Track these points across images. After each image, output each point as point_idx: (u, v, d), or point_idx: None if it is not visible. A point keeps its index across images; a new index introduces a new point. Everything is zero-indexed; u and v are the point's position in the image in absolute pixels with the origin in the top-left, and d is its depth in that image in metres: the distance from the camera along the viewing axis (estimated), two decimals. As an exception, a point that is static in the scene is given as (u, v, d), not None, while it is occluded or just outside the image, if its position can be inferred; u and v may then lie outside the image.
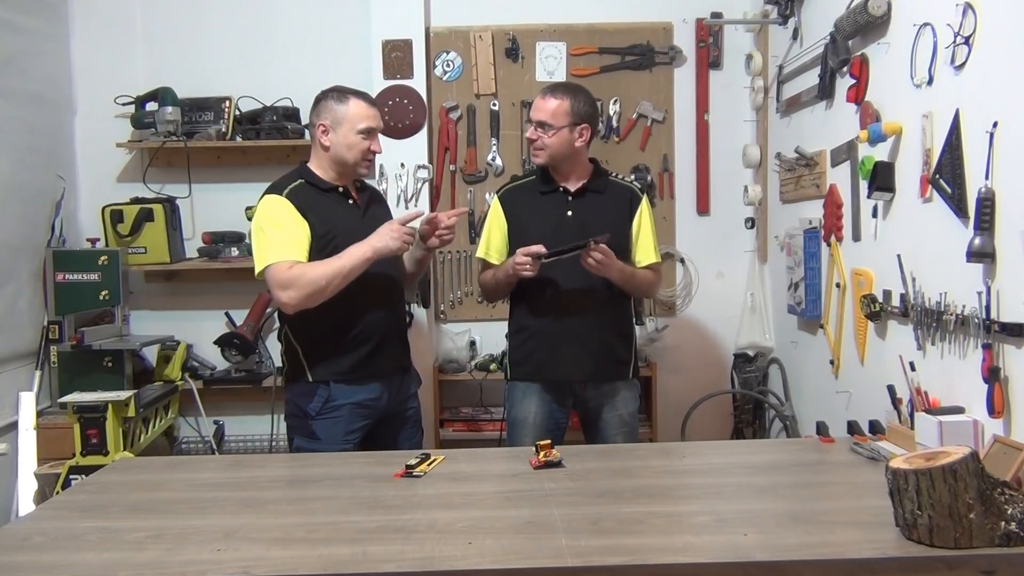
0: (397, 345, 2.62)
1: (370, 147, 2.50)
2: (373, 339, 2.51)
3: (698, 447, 2.77)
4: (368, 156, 2.51)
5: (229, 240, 3.79)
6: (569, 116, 2.61)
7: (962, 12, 2.02)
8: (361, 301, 2.47)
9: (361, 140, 2.48)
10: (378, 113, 2.55)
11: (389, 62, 3.74)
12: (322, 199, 2.49)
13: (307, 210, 2.44)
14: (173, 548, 1.65)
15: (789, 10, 3.27)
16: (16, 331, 3.40)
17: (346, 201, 2.54)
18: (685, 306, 3.96)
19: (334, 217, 2.48)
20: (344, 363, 2.49)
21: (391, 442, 2.60)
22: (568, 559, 1.53)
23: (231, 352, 3.72)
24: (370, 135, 2.49)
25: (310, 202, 2.45)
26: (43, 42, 3.65)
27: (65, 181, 3.72)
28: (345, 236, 2.44)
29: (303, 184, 2.49)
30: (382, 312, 2.54)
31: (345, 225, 2.48)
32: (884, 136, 2.42)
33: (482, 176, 3.91)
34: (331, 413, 2.48)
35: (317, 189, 2.50)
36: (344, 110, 2.48)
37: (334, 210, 2.50)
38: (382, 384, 2.55)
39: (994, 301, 1.93)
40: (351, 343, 2.49)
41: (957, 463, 1.50)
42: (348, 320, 2.48)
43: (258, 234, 2.45)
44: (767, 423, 3.66)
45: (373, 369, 2.52)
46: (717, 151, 3.90)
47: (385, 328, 2.55)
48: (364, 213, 2.57)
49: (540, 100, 2.65)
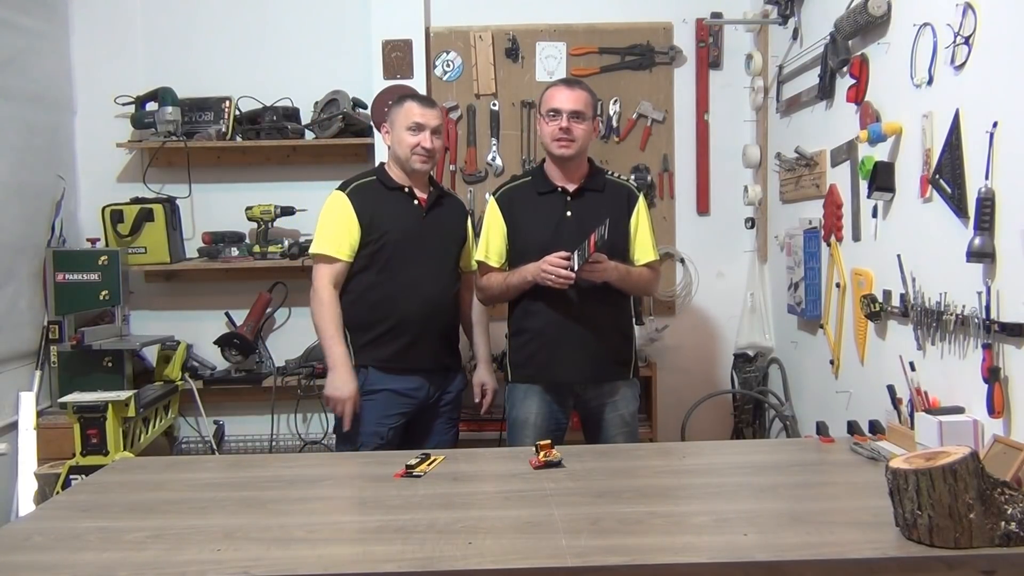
0: (439, 342, 2.77)
1: (419, 142, 2.65)
2: (410, 333, 2.68)
3: (698, 447, 2.77)
4: (417, 151, 2.67)
5: (229, 240, 3.79)
6: (592, 107, 2.66)
7: (962, 12, 2.02)
8: (406, 295, 2.67)
9: (410, 136, 2.66)
10: (431, 112, 2.71)
11: (389, 62, 3.74)
12: (387, 197, 2.71)
13: (364, 207, 2.68)
14: (173, 548, 1.65)
15: (789, 10, 3.26)
16: (16, 331, 3.40)
17: (411, 201, 2.72)
18: (685, 306, 3.96)
19: (392, 215, 2.70)
20: (382, 352, 2.69)
21: (423, 435, 2.76)
22: (568, 559, 1.53)
23: (231, 352, 3.72)
24: (418, 131, 2.66)
25: (372, 200, 2.69)
26: (43, 42, 3.65)
27: (65, 181, 3.72)
28: (401, 233, 2.69)
29: (373, 181, 2.73)
30: (425, 308, 2.70)
31: (402, 223, 2.70)
32: (884, 136, 2.42)
33: (482, 176, 3.91)
34: (368, 396, 2.67)
35: (384, 188, 2.72)
36: (398, 110, 2.71)
37: (395, 208, 2.71)
38: (422, 377, 2.71)
39: (994, 301, 1.92)
40: (389, 334, 2.68)
41: (957, 463, 1.50)
42: (389, 312, 2.67)
43: (319, 221, 2.74)
44: (767, 423, 3.66)
45: (410, 362, 2.69)
46: (717, 151, 3.90)
47: (427, 324, 2.71)
48: (427, 214, 2.75)
49: (566, 91, 2.64)
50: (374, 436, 2.66)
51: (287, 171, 3.86)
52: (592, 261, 2.49)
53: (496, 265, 2.73)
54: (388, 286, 2.68)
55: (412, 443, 2.66)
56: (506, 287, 2.68)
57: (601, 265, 2.52)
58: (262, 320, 3.78)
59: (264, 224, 3.70)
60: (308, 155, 3.81)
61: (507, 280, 2.67)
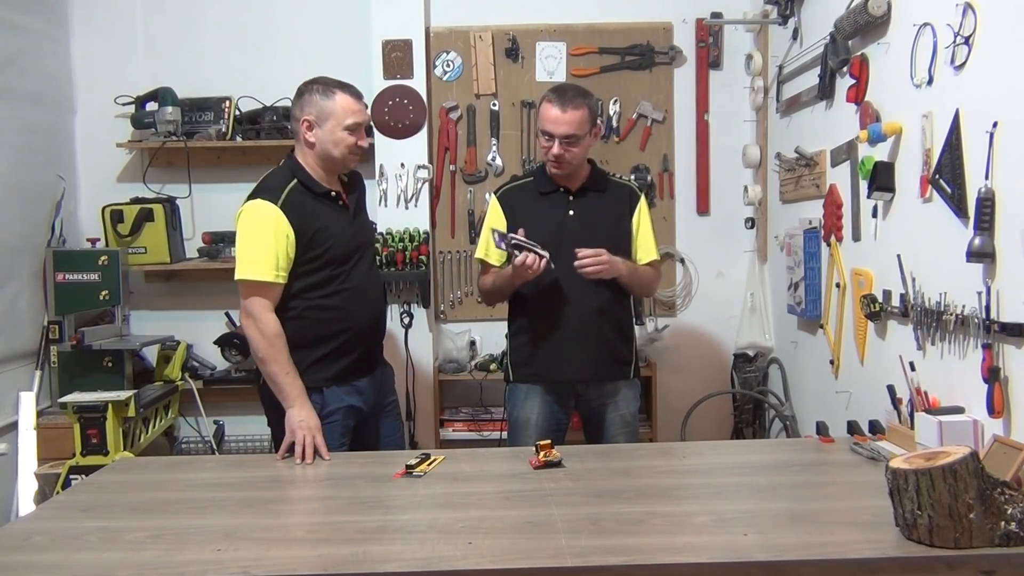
0: (379, 340, 2.62)
1: (357, 142, 2.43)
2: (362, 343, 2.49)
3: (698, 447, 2.77)
4: (356, 151, 2.45)
5: (229, 240, 3.79)
6: (589, 121, 2.57)
7: (962, 12, 2.02)
8: (355, 307, 2.46)
9: (348, 136, 2.41)
10: (365, 107, 2.50)
11: (389, 62, 3.74)
12: (317, 206, 2.42)
13: (303, 223, 2.37)
14: (173, 548, 1.65)
15: (789, 10, 3.26)
16: (16, 331, 3.40)
17: (338, 205, 2.49)
18: (685, 306, 3.96)
19: (329, 227, 2.42)
20: (334, 368, 2.44)
21: (375, 438, 2.57)
22: (568, 559, 1.53)
23: (231, 352, 3.72)
24: (357, 130, 2.42)
25: (307, 212, 2.39)
26: (43, 42, 3.65)
27: (65, 181, 3.72)
28: (341, 246, 2.43)
29: (297, 187, 2.41)
30: (372, 315, 2.54)
31: (338, 233, 2.44)
32: (884, 136, 2.42)
33: (482, 176, 3.91)
34: (328, 420, 2.40)
35: (311, 194, 2.42)
36: (330, 105, 2.41)
37: (328, 218, 2.44)
38: (368, 381, 2.52)
39: (994, 301, 1.92)
40: (341, 349, 2.44)
41: (957, 463, 1.50)
42: (341, 327, 2.44)
43: (245, 238, 2.37)
44: (767, 423, 3.66)
45: (361, 371, 2.50)
46: (717, 151, 3.90)
47: (374, 330, 2.56)
48: (354, 217, 2.54)
49: (558, 112, 2.52)
50: None
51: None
52: (595, 255, 2.48)
53: (496, 264, 2.72)
54: (335, 299, 2.42)
55: (363, 448, 2.52)
56: (494, 288, 2.70)
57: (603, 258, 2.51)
58: (262, 320, 3.77)
59: (264, 224, 3.69)
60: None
61: (494, 282, 2.68)
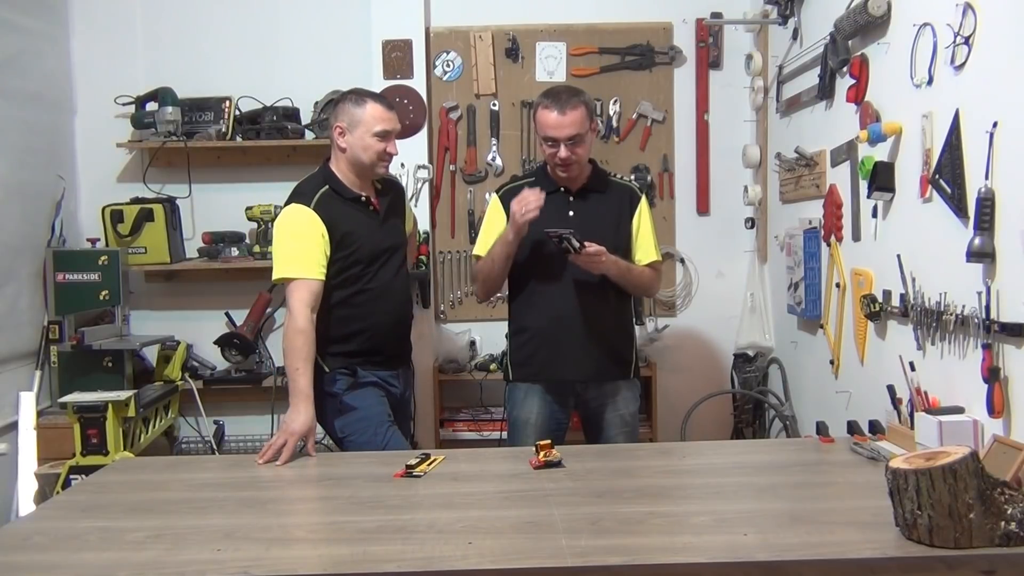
0: (405, 339, 2.75)
1: (386, 149, 2.55)
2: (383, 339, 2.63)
3: (698, 447, 2.77)
4: (384, 157, 2.57)
5: (229, 240, 3.80)
6: (588, 118, 2.60)
7: (962, 12, 2.02)
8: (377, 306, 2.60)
9: (377, 142, 2.53)
10: (395, 116, 2.60)
11: (389, 62, 3.74)
12: (348, 209, 2.56)
13: (335, 224, 2.51)
14: (173, 548, 1.65)
15: (789, 10, 3.27)
16: (16, 331, 3.40)
17: (368, 210, 2.62)
18: (685, 306, 3.96)
19: (358, 230, 2.56)
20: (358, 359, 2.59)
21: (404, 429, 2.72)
22: (568, 559, 1.53)
23: (231, 352, 3.71)
24: (386, 137, 2.55)
25: (338, 214, 2.53)
26: (43, 42, 3.65)
27: (65, 181, 3.72)
28: (368, 247, 2.57)
29: (328, 192, 2.55)
30: (394, 314, 2.67)
31: (366, 236, 2.58)
32: (884, 136, 2.42)
33: (482, 176, 3.91)
34: (360, 388, 2.57)
35: (341, 199, 2.56)
36: (360, 113, 2.53)
37: (358, 222, 2.57)
38: (395, 373, 2.68)
39: (994, 301, 1.92)
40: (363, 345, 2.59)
41: (957, 463, 1.50)
42: (362, 326, 2.59)
43: (283, 240, 2.52)
44: (767, 423, 3.66)
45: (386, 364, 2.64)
46: (717, 151, 3.90)
47: (396, 328, 2.68)
48: (382, 223, 2.65)
49: (557, 116, 2.53)
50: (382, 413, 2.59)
51: (287, 171, 3.83)
52: (592, 253, 2.48)
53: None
54: (358, 299, 2.58)
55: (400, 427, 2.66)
56: (492, 260, 2.65)
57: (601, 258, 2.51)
58: (262, 320, 3.77)
59: (264, 224, 3.70)
60: (308, 155, 3.80)
61: (491, 252, 2.65)
